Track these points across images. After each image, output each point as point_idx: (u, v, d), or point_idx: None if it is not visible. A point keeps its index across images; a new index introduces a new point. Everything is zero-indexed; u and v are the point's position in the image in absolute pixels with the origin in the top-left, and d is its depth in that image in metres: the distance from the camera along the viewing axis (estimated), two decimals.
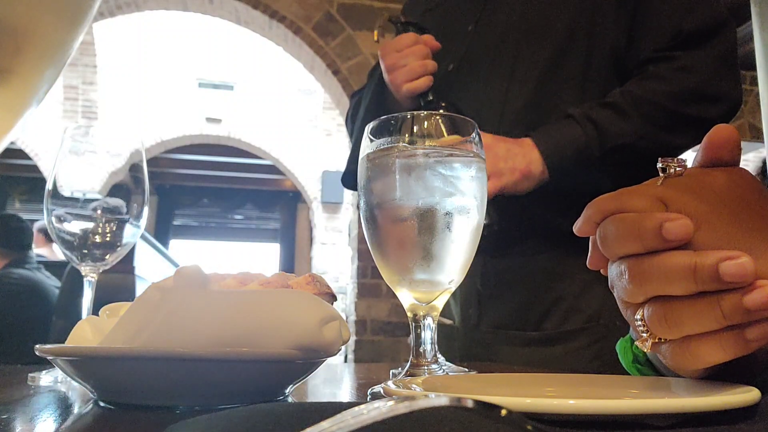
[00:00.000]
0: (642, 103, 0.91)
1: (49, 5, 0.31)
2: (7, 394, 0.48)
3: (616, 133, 0.90)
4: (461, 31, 1.07)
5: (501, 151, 0.90)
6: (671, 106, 0.91)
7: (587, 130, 0.90)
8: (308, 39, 4.02)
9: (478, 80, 1.02)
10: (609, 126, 0.90)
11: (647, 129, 0.90)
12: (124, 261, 0.76)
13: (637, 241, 0.36)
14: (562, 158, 0.90)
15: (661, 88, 0.91)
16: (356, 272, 4.00)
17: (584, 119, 0.91)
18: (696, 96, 0.91)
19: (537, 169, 0.90)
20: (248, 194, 10.46)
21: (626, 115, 0.90)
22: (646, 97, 0.91)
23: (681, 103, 0.91)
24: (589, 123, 0.90)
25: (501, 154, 0.89)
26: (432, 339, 0.56)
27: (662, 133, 0.91)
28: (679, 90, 0.91)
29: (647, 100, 0.91)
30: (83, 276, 0.69)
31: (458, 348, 1.06)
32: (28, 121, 0.33)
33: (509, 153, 0.90)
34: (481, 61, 1.03)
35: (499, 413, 0.19)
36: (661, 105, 0.91)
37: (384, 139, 0.56)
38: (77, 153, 0.69)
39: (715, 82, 0.92)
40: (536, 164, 0.90)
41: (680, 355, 0.37)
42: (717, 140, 0.41)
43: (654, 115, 0.91)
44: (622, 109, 0.91)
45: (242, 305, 0.42)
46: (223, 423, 0.25)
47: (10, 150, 7.14)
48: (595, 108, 0.92)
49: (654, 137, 0.91)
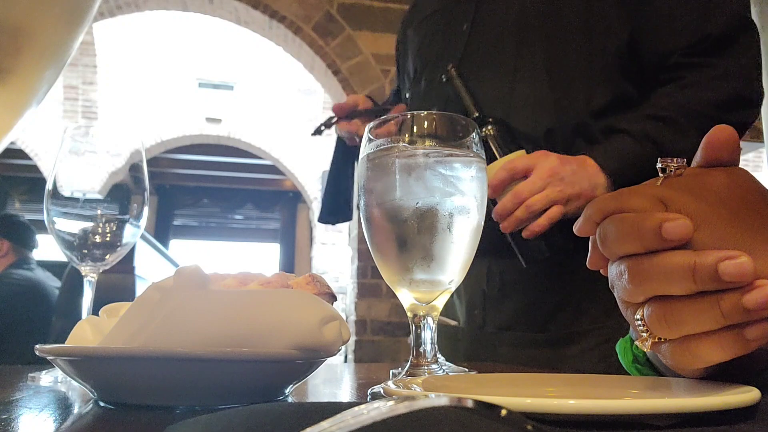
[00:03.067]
0: (694, 116, 0.89)
1: (49, 5, 0.31)
2: (7, 394, 0.48)
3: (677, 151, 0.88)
4: (456, 32, 1.07)
5: (567, 175, 0.86)
6: (719, 115, 0.89)
7: (646, 149, 0.88)
8: (308, 39, 4.02)
9: (480, 79, 1.02)
10: (669, 145, 0.88)
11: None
12: (124, 261, 0.76)
13: (637, 241, 0.36)
14: (627, 180, 0.86)
15: (708, 98, 0.90)
16: (356, 272, 4.00)
17: (643, 138, 0.89)
18: (738, 102, 0.90)
19: (601, 193, 0.88)
20: (248, 194, 10.46)
21: (683, 131, 0.88)
22: (697, 108, 0.89)
23: (727, 111, 0.90)
24: (648, 142, 0.88)
25: (567, 179, 0.86)
26: (432, 339, 0.56)
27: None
28: (725, 98, 0.90)
29: (698, 112, 0.89)
30: (83, 276, 0.69)
31: (463, 349, 1.05)
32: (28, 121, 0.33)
33: (575, 176, 0.86)
34: (481, 60, 1.03)
35: (499, 413, 0.19)
36: (710, 116, 0.89)
37: (384, 139, 0.56)
38: (77, 153, 0.69)
39: (753, 86, 0.91)
40: (601, 188, 0.88)
41: (680, 354, 0.37)
42: (716, 141, 0.41)
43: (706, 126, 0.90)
44: (678, 123, 0.89)
45: (242, 305, 0.42)
46: (223, 423, 0.25)
47: (10, 150, 7.14)
48: (650, 123, 0.90)
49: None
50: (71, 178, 0.68)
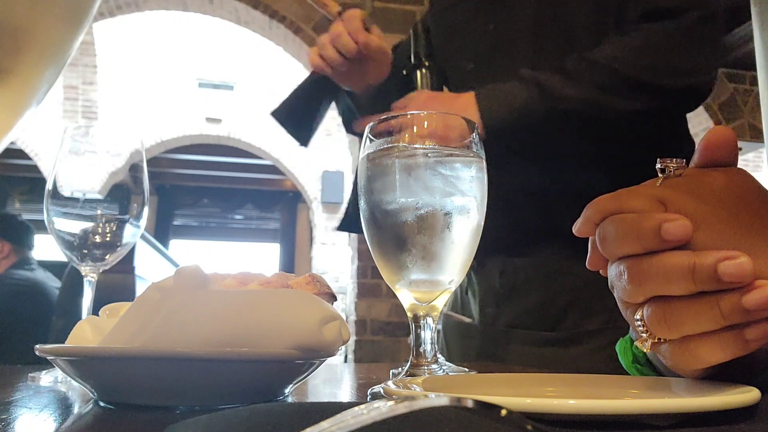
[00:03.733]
0: (595, 69, 0.89)
1: (49, 5, 0.31)
2: (7, 394, 0.48)
3: (560, 97, 0.89)
4: (479, 30, 1.06)
5: (435, 105, 0.91)
6: (625, 70, 0.89)
7: (532, 92, 0.89)
8: (308, 39, 4.02)
9: (496, 79, 1.02)
10: (554, 90, 0.89)
11: (595, 95, 0.89)
12: (124, 261, 0.76)
13: (637, 242, 0.36)
14: (501, 118, 0.90)
15: (618, 54, 0.90)
16: (356, 272, 4.00)
17: (532, 82, 0.90)
18: (652, 64, 0.90)
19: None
20: (248, 194, 10.46)
21: (576, 81, 0.89)
22: (601, 62, 0.90)
23: (635, 68, 0.89)
24: (535, 86, 0.90)
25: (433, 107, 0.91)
26: (432, 339, 0.56)
27: (613, 98, 0.89)
28: (635, 55, 0.90)
29: (602, 65, 0.90)
30: (83, 276, 0.69)
31: (475, 347, 1.06)
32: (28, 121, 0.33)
33: (443, 106, 0.91)
34: (498, 59, 1.03)
35: (499, 413, 0.19)
36: (614, 69, 0.89)
37: (384, 138, 0.56)
38: (77, 153, 0.69)
39: (677, 53, 0.91)
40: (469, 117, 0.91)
41: (680, 355, 0.37)
42: (714, 142, 0.41)
43: (606, 80, 0.90)
44: (570, 73, 0.90)
45: (242, 305, 0.42)
46: (223, 423, 0.25)
47: (10, 150, 7.14)
48: (547, 72, 0.91)
49: (604, 103, 0.89)
50: (71, 178, 0.68)
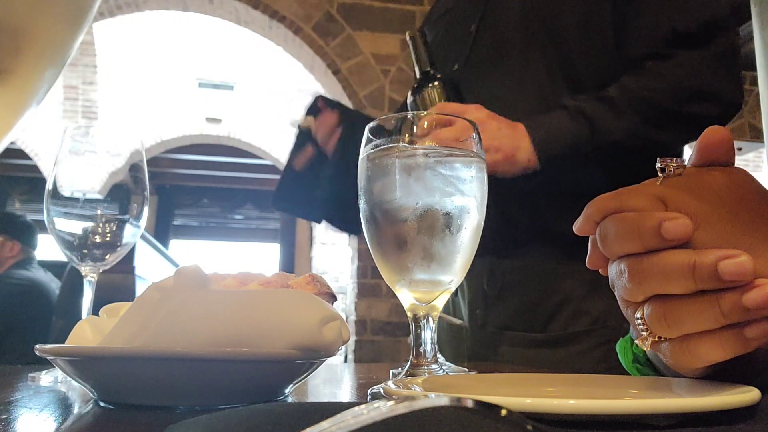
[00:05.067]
0: (637, 100, 0.90)
1: (49, 5, 0.31)
2: (7, 394, 0.48)
3: (609, 131, 0.90)
4: (464, 32, 1.07)
5: (491, 129, 0.89)
6: (666, 103, 0.90)
7: (580, 125, 0.90)
8: (308, 39, 4.02)
9: (484, 80, 1.02)
10: (602, 123, 0.90)
11: (639, 127, 0.90)
12: (124, 261, 0.76)
13: (637, 241, 0.36)
14: (554, 151, 0.90)
15: (657, 85, 0.91)
16: (356, 272, 4.00)
17: (578, 114, 0.91)
18: (691, 94, 0.91)
19: (523, 156, 0.89)
20: (248, 194, 10.45)
21: (620, 112, 0.90)
22: (642, 93, 0.91)
23: (676, 100, 0.91)
24: (582, 118, 0.90)
25: (490, 132, 0.89)
26: (432, 339, 0.56)
27: (654, 130, 0.91)
28: (675, 87, 0.91)
29: (642, 97, 0.91)
30: (83, 276, 0.69)
31: (466, 348, 1.06)
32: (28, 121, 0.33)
33: (499, 132, 0.89)
34: (486, 61, 1.03)
35: (499, 413, 0.19)
36: (656, 102, 0.90)
37: (384, 139, 0.56)
38: (77, 153, 0.69)
39: (712, 81, 0.91)
40: (523, 152, 0.89)
41: (680, 353, 0.37)
42: (711, 142, 0.41)
43: (648, 112, 0.91)
44: (616, 105, 0.90)
45: (242, 305, 0.42)
46: (223, 423, 0.25)
47: (10, 150, 7.14)
48: (590, 102, 0.92)
49: (645, 134, 0.91)
50: (71, 178, 0.68)
